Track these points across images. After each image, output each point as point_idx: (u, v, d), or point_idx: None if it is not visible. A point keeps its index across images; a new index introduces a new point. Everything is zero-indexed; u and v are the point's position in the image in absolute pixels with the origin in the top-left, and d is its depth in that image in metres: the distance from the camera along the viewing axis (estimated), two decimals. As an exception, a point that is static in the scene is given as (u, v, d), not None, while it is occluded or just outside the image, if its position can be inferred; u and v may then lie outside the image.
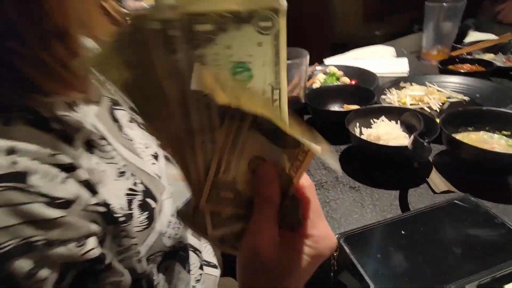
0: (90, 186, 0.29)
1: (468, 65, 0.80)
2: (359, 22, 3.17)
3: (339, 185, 0.50)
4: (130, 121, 0.46)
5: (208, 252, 0.51)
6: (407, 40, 1.13)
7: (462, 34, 1.02)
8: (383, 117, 0.57)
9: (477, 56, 0.89)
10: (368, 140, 0.52)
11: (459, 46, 0.94)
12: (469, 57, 0.86)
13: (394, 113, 0.57)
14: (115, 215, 0.32)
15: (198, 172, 0.22)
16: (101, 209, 0.30)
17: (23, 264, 0.24)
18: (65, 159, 0.27)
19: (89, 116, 0.36)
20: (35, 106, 0.28)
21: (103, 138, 0.36)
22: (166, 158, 0.51)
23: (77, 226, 0.27)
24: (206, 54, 0.17)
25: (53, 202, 0.25)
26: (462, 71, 0.77)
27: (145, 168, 0.43)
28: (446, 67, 0.80)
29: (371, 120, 0.57)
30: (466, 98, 0.69)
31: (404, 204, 0.46)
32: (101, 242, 0.29)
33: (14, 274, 0.24)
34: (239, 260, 0.25)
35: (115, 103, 0.46)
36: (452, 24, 0.87)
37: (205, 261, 0.50)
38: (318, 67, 0.92)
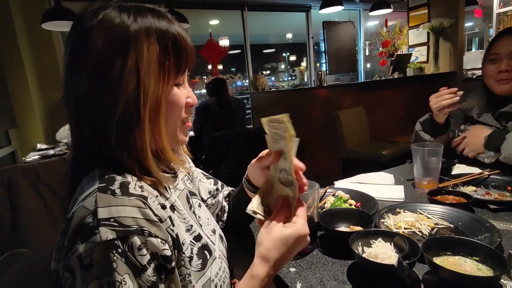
0: (171, 220, 0.50)
1: (453, 196, 0.99)
2: (367, 142, 3.56)
3: (347, 295, 0.63)
4: (199, 206, 0.72)
5: None
6: (403, 169, 1.36)
7: (448, 168, 1.23)
8: (380, 239, 0.73)
9: (461, 188, 1.08)
10: (368, 257, 0.67)
11: (446, 178, 1.14)
12: (452, 189, 1.04)
13: (388, 236, 0.73)
14: (180, 244, 0.51)
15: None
16: (174, 235, 0.49)
17: (136, 240, 0.42)
18: (161, 200, 0.50)
19: (174, 196, 0.61)
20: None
21: (180, 208, 0.60)
22: (220, 236, 0.72)
23: (163, 231, 0.46)
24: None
25: (155, 213, 0.45)
26: (447, 202, 0.95)
27: (205, 234, 0.65)
28: (433, 198, 0.98)
29: (371, 241, 0.73)
30: (452, 225, 0.85)
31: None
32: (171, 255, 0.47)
33: (133, 245, 0.42)
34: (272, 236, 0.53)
35: (192, 193, 0.71)
36: (436, 160, 1.10)
37: None
38: (329, 190, 1.12)
